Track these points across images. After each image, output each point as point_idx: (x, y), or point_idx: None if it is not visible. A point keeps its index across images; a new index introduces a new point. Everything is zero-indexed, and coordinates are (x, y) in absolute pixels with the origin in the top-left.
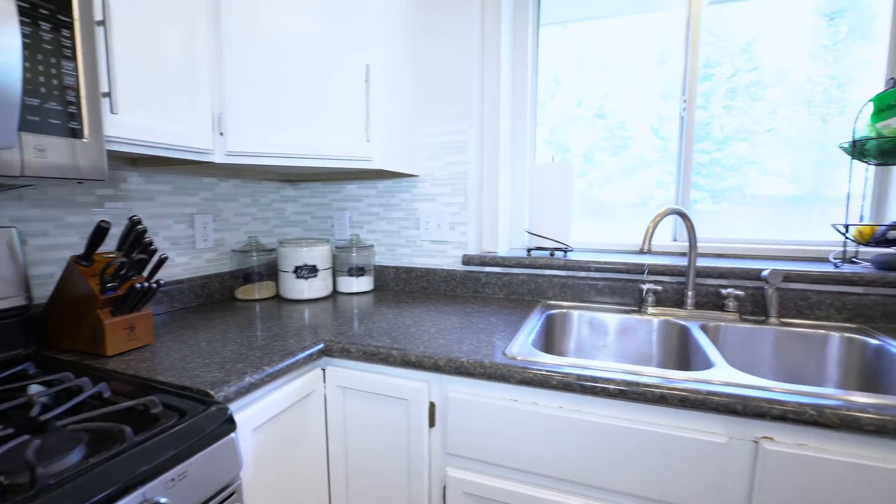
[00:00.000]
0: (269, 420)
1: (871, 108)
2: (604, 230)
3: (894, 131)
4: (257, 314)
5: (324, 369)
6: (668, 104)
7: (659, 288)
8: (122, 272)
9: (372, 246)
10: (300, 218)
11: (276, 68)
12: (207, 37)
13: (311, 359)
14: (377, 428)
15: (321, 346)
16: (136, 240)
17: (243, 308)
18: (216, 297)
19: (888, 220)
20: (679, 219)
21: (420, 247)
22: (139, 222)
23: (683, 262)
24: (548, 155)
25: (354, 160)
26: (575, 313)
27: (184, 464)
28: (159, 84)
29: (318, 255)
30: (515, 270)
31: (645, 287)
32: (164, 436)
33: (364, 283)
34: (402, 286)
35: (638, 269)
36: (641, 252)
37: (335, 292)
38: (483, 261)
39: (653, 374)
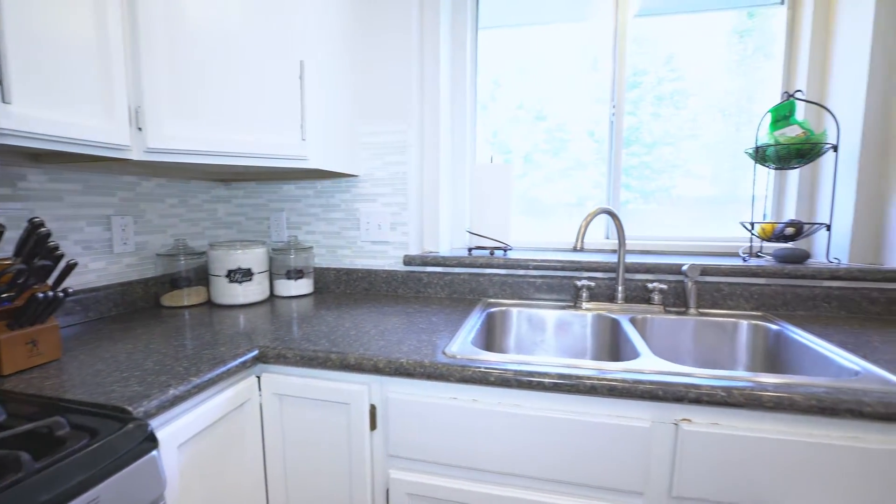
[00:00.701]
0: (198, 434)
1: (769, 118)
2: (543, 229)
3: (789, 139)
4: (186, 322)
5: (259, 377)
6: (602, 109)
7: (592, 284)
8: (21, 280)
9: (311, 247)
10: (234, 219)
11: (200, 60)
12: (121, 22)
13: (244, 366)
14: (317, 434)
15: (256, 352)
16: (37, 244)
17: (170, 316)
18: (139, 304)
19: (786, 219)
20: (611, 218)
21: (361, 248)
22: (41, 225)
23: (615, 258)
24: (489, 156)
25: (289, 159)
26: (514, 310)
27: (95, 489)
28: (64, 72)
29: (253, 257)
30: (457, 270)
31: (580, 283)
32: (70, 460)
33: (303, 286)
34: (344, 288)
35: (573, 266)
36: (575, 250)
37: (272, 296)
38: (424, 261)
39: (584, 367)
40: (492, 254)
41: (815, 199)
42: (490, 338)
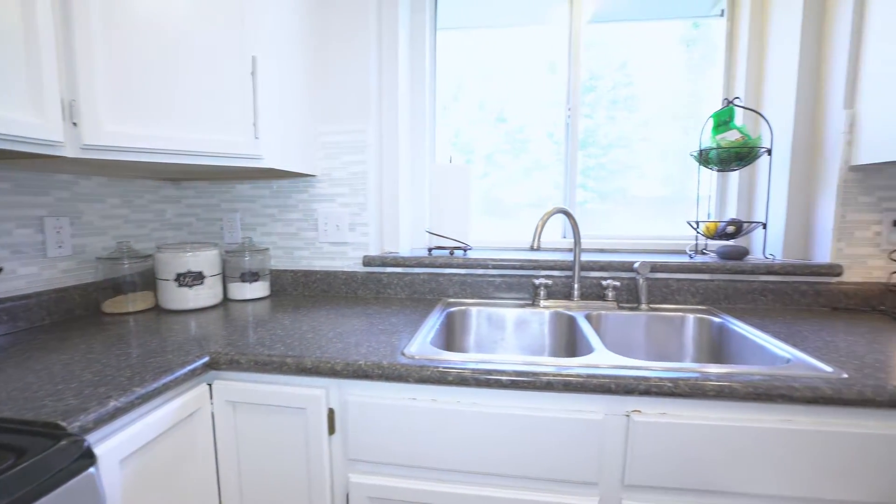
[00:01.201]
0: (143, 447)
1: (711, 123)
2: (504, 229)
3: (729, 143)
4: (130, 329)
5: (210, 384)
6: (560, 111)
7: (550, 282)
8: None
9: (267, 249)
10: (184, 220)
11: (143, 52)
12: (52, 8)
13: (194, 374)
14: (273, 442)
15: (207, 359)
16: None
17: (113, 323)
18: (77, 312)
19: (728, 218)
20: (567, 218)
21: (319, 249)
22: None
23: (571, 257)
24: (450, 156)
25: (242, 158)
26: (474, 310)
27: None
28: None
29: (204, 260)
30: (416, 270)
31: (538, 282)
32: None
33: (259, 289)
34: (302, 290)
35: (531, 265)
36: (532, 249)
37: (226, 300)
38: (384, 261)
39: (540, 363)
40: (451, 254)
41: (754, 199)
42: (450, 337)
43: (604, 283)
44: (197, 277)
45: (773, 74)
